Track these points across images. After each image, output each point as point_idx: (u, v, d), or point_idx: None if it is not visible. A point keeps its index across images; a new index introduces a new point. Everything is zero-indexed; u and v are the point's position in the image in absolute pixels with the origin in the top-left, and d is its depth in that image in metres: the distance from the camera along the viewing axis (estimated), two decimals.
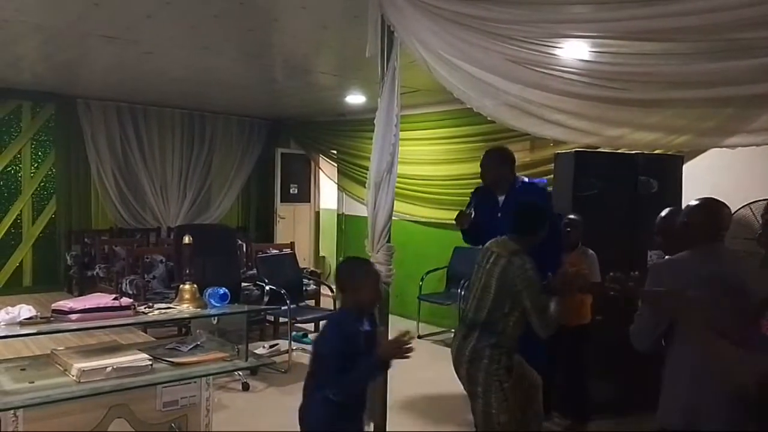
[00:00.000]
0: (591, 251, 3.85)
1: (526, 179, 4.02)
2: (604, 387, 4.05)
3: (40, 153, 7.78)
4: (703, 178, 4.36)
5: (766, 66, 2.01)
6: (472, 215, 3.64)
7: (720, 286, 2.04)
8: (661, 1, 2.07)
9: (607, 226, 4.11)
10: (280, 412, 4.40)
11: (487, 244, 3.06)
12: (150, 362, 2.56)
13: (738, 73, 2.09)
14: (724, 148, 2.75)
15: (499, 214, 3.59)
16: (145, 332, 5.48)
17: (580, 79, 2.39)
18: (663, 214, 3.09)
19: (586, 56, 2.41)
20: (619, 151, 4.35)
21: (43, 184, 7.82)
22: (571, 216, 3.91)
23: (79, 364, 2.42)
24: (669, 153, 4.32)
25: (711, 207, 2.27)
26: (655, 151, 4.24)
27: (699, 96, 2.30)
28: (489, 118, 2.93)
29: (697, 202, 2.40)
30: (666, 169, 4.45)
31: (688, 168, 4.57)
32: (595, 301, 3.82)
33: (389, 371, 3.00)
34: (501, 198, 3.63)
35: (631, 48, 2.31)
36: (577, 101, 2.53)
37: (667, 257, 2.59)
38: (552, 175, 4.73)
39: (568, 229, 3.85)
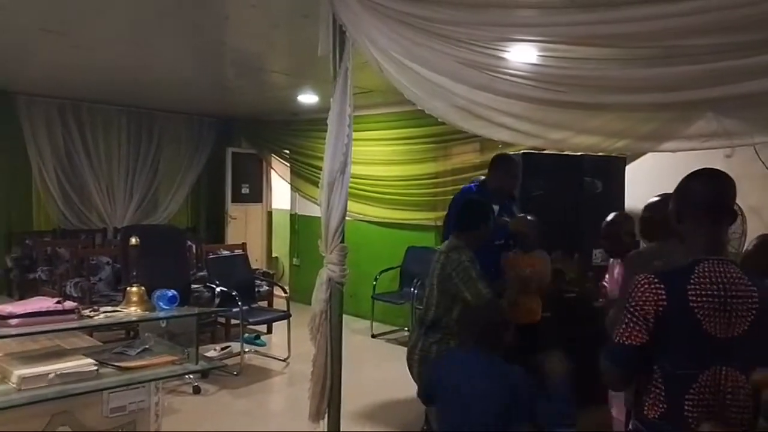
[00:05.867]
0: (544, 253, 3.94)
1: None
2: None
3: None
4: (645, 179, 4.53)
5: (703, 73, 2.09)
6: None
7: None
8: (605, 8, 2.13)
9: (554, 225, 4.21)
10: (231, 415, 4.35)
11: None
12: (95, 367, 2.49)
13: (675, 79, 2.17)
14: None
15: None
16: (91, 336, 5.31)
17: (527, 82, 2.45)
18: (608, 219, 3.24)
19: (533, 59, 2.47)
20: (564, 152, 4.47)
21: None
22: (529, 217, 3.98)
23: (20, 371, 2.33)
24: (613, 155, 4.47)
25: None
26: (599, 153, 4.38)
27: (638, 101, 2.38)
28: (440, 120, 2.97)
29: (658, 198, 2.57)
30: (610, 170, 4.61)
31: (630, 169, 4.74)
32: (545, 300, 3.93)
33: (343, 372, 3.03)
34: (497, 207, 3.66)
35: (576, 52, 2.37)
36: (523, 104, 2.59)
37: (639, 249, 2.76)
38: None
39: (526, 231, 3.92)
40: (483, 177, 4.17)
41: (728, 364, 1.61)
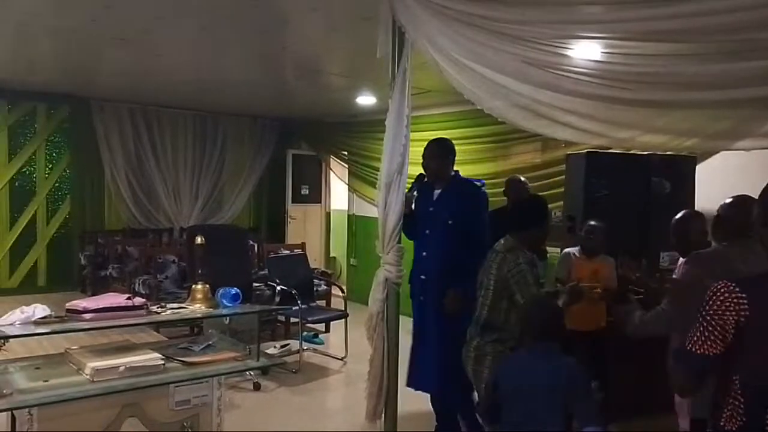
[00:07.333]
0: (610, 258, 3.82)
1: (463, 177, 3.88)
2: (618, 390, 4.01)
3: (54, 154, 7.87)
4: (717, 179, 4.32)
5: None
6: (415, 197, 3.49)
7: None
8: (674, 2, 2.05)
9: (620, 227, 4.08)
10: (290, 412, 4.42)
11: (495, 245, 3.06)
12: (162, 362, 2.58)
13: (749, 74, 2.07)
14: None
15: (431, 209, 3.42)
16: (158, 332, 5.52)
17: (592, 80, 2.38)
18: (678, 216, 3.11)
19: (598, 57, 2.41)
20: (631, 151, 4.32)
21: (57, 184, 7.91)
22: (594, 222, 3.87)
23: (93, 363, 2.44)
24: (682, 154, 4.29)
25: (744, 203, 2.36)
26: (668, 152, 4.22)
27: (708, 98, 2.28)
28: (499, 119, 2.93)
29: (731, 200, 2.47)
30: (679, 170, 4.42)
31: (701, 168, 4.53)
32: (610, 305, 3.80)
33: (400, 373, 3.03)
34: (437, 191, 3.52)
35: (643, 49, 2.30)
36: (588, 102, 2.52)
37: (702, 250, 2.66)
38: (564, 176, 4.71)
39: (591, 235, 3.82)
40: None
41: None
